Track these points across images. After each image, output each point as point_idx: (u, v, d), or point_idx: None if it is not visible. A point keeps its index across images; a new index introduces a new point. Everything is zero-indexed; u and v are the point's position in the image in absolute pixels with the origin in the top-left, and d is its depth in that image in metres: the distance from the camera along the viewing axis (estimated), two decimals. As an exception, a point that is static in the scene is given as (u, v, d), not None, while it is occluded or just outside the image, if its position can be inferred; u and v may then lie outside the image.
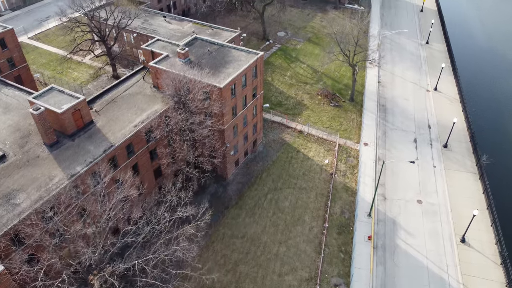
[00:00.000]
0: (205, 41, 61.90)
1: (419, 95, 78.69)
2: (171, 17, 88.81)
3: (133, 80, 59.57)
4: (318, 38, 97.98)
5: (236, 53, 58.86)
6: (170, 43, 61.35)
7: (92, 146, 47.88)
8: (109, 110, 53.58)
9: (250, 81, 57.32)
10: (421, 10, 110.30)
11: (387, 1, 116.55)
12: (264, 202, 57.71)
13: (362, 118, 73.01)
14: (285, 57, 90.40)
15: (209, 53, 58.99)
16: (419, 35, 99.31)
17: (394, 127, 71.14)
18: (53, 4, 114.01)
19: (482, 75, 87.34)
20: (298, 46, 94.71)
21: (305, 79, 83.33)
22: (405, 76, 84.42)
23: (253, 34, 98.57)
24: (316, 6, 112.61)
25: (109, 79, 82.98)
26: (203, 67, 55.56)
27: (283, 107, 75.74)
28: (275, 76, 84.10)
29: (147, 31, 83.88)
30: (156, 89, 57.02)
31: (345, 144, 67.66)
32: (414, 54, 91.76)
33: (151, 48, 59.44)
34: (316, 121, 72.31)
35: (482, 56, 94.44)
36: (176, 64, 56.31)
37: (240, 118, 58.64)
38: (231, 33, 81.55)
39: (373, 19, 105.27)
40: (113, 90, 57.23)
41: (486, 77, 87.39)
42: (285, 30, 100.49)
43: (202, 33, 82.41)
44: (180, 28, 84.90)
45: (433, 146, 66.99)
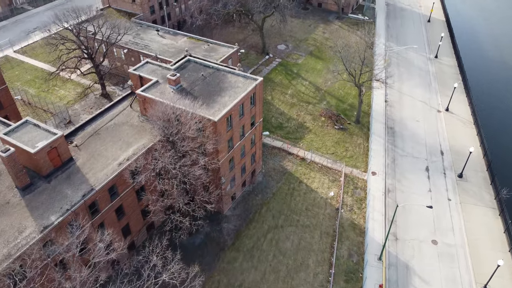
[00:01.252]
0: (199, 63, 56.55)
1: (429, 117, 73.39)
2: (164, 30, 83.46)
3: (119, 107, 54.23)
4: (321, 51, 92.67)
5: (233, 78, 53.52)
6: (160, 66, 55.97)
7: (70, 189, 42.53)
8: (91, 144, 48.24)
9: (248, 109, 52.00)
10: (429, 20, 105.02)
11: (392, 11, 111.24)
12: (264, 242, 52.37)
13: (369, 143, 67.70)
14: (286, 73, 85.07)
15: (203, 78, 53.65)
16: (427, 48, 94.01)
17: (404, 153, 65.84)
18: (41, 14, 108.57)
19: (495, 93, 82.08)
20: (300, 60, 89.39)
21: (307, 98, 78.00)
22: (414, 94, 79.12)
23: (252, 47, 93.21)
24: (318, 16, 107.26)
25: (98, 98, 77.61)
26: (196, 95, 50.27)
27: (284, 130, 70.40)
28: (275, 95, 78.77)
29: (139, 46, 78.55)
30: (144, 118, 51.70)
31: (351, 173, 62.34)
32: (423, 70, 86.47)
33: (139, 72, 54.08)
34: (319, 146, 67.00)
35: (494, 71, 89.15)
36: (166, 92, 51.01)
37: (237, 150, 53.32)
38: (228, 49, 76.38)
39: (378, 31, 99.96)
40: (97, 120, 51.89)
41: (500, 95, 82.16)
42: (285, 42, 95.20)
43: (198, 48, 77.20)
44: (174, 43, 79.57)
45: (446, 175, 61.70)
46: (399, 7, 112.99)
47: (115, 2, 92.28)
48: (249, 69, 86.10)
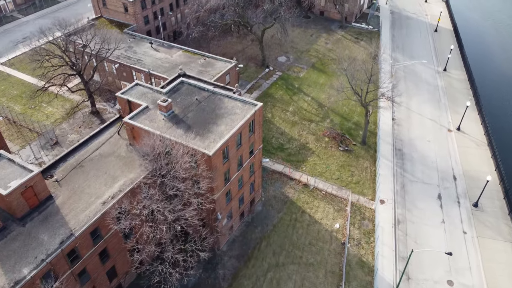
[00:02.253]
0: (193, 86, 52.01)
1: (440, 137, 68.90)
2: (158, 43, 78.90)
3: (106, 134, 49.68)
4: (323, 64, 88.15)
5: (230, 103, 48.99)
6: (151, 89, 51.42)
7: (47, 234, 38.02)
8: (73, 178, 43.72)
9: (246, 138, 47.49)
10: (436, 30, 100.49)
11: (397, 19, 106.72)
12: (264, 283, 47.85)
13: (376, 167, 63.21)
14: (287, 88, 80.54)
15: (197, 103, 49.11)
16: (435, 61, 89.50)
17: (414, 178, 61.36)
18: (32, 23, 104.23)
19: (509, 110, 77.47)
20: (301, 74, 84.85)
21: (309, 116, 73.47)
22: (423, 111, 74.61)
23: (251, 59, 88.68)
24: (320, 25, 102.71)
25: (87, 116, 73.09)
26: (190, 124, 45.75)
27: (285, 152, 65.89)
28: (276, 112, 74.24)
29: (131, 61, 74.00)
30: (133, 147, 47.18)
31: (358, 201, 57.83)
32: (431, 84, 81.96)
33: (127, 96, 49.56)
34: (323, 170, 62.49)
35: (506, 86, 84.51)
36: (157, 119, 46.50)
37: (235, 181, 48.80)
38: (226, 64, 71.88)
39: (383, 41, 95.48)
40: (81, 149, 47.34)
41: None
42: (286, 54, 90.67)
43: (193, 63, 72.70)
44: (169, 57, 75.03)
45: (461, 204, 57.22)
46: (404, 16, 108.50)
47: (107, 12, 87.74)
48: (248, 84, 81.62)
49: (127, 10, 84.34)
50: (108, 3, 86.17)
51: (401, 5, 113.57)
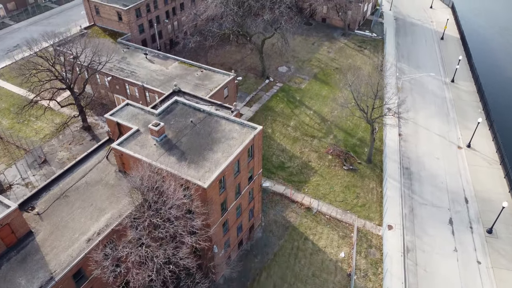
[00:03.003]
0: (188, 106, 48.45)
1: (449, 154, 65.38)
2: (153, 53, 75.36)
3: (94, 159, 46.15)
4: (326, 74, 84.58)
5: (227, 125, 45.43)
6: (143, 110, 47.87)
7: (25, 278, 34.50)
8: (56, 210, 40.20)
9: (245, 164, 43.97)
10: (442, 37, 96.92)
11: (402, 26, 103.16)
12: (264, 321, 44.37)
13: (383, 188, 59.70)
14: (288, 101, 76.99)
15: (192, 125, 45.57)
16: (442, 71, 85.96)
17: (423, 200, 57.83)
18: (24, 30, 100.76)
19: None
20: (303, 85, 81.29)
21: (312, 131, 69.92)
22: (430, 126, 71.06)
23: (251, 70, 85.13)
24: (322, 33, 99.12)
25: (78, 131, 69.55)
26: (183, 150, 42.21)
27: (287, 171, 62.35)
28: (277, 127, 70.69)
29: (124, 73, 70.45)
30: (122, 174, 43.66)
31: (364, 227, 54.30)
32: (439, 96, 78.40)
33: (117, 118, 46.01)
34: (326, 192, 58.96)
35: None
36: (148, 144, 42.96)
37: (232, 210, 45.29)
38: (224, 76, 68.46)
39: (387, 49, 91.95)
40: (66, 177, 43.80)
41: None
42: (287, 64, 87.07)
43: (190, 75, 69.25)
44: (164, 68, 71.52)
45: (474, 230, 53.73)
46: (409, 22, 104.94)
47: (100, 20, 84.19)
48: (247, 96, 78.08)
49: (121, 18, 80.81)
50: (102, 11, 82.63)
51: (405, 11, 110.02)
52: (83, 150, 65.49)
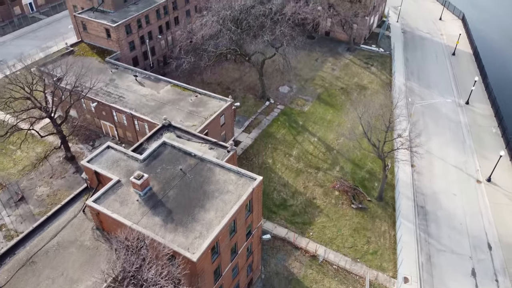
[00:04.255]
0: (177, 149, 42.49)
1: (468, 190, 59.50)
2: (144, 75, 69.39)
3: (69, 212, 40.20)
4: (330, 95, 78.61)
5: (222, 175, 39.49)
6: (125, 155, 41.90)
7: None
8: (20, 282, 34.25)
9: (242, 222, 38.05)
10: (453, 53, 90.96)
11: (410, 40, 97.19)
12: None
13: (396, 231, 53.79)
14: (290, 126, 71.03)
15: (181, 174, 39.63)
16: (455, 90, 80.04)
17: (441, 246, 51.95)
18: (8, 44, 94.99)
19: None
20: (306, 107, 75.32)
21: (316, 162, 64.00)
22: (445, 156, 65.16)
23: (250, 90, 79.17)
24: (326, 48, 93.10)
25: (61, 162, 63.62)
26: (170, 208, 36.28)
27: (289, 210, 56.44)
28: (278, 157, 64.77)
29: (111, 98, 64.53)
30: (100, 232, 37.74)
31: (376, 280, 48.38)
32: (453, 121, 72.46)
33: (95, 166, 40.04)
34: (333, 236, 53.05)
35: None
36: (129, 200, 37.06)
37: (228, 273, 39.37)
38: (220, 102, 62.71)
39: (395, 66, 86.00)
40: (34, 236, 37.86)
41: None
42: (288, 83, 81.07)
43: (183, 100, 63.47)
44: (155, 93, 65.59)
45: (500, 283, 47.84)
46: (417, 35, 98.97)
47: (88, 36, 78.17)
48: (246, 120, 72.13)
49: (110, 36, 74.77)
50: (89, 27, 76.61)
51: (413, 23, 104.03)
52: (65, 185, 59.78)
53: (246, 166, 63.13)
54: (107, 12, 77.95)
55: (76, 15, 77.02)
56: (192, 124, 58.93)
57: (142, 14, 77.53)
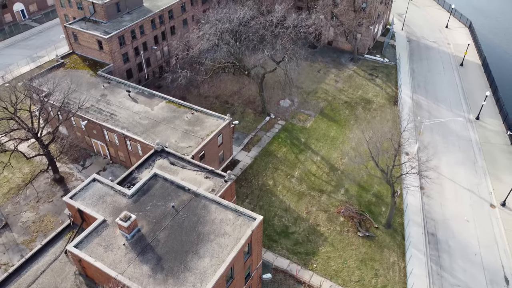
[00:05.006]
0: (170, 182, 38.86)
1: (481, 215, 55.89)
2: (137, 90, 65.75)
3: (50, 252, 36.55)
4: (334, 109, 74.96)
5: (219, 213, 35.86)
6: (112, 189, 38.25)
7: None
8: None
9: (240, 266, 34.39)
10: (461, 64, 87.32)
11: (416, 49, 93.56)
12: None
13: (406, 262, 50.13)
14: (291, 143, 67.40)
15: (173, 213, 35.98)
16: (464, 104, 76.41)
17: (455, 280, 48.32)
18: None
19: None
20: (308, 123, 71.67)
21: (319, 184, 60.37)
22: (456, 177, 61.55)
23: (249, 104, 75.51)
24: (328, 58, 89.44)
25: (49, 184, 59.98)
26: (160, 253, 32.60)
27: (291, 238, 52.80)
28: (279, 178, 61.15)
29: (102, 115, 60.92)
30: (83, 279, 34.09)
31: (386, 319, 44.78)
32: (463, 138, 68.82)
33: (78, 203, 36.40)
34: (339, 268, 49.41)
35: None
36: (115, 244, 33.41)
37: (225, 322, 35.69)
38: (218, 121, 59.24)
39: (401, 78, 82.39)
40: (9, 284, 34.17)
41: None
42: (290, 96, 77.40)
43: (179, 118, 60.00)
44: (149, 109, 62.00)
45: (519, 323, 44.23)
46: (423, 44, 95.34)
47: (79, 47, 74.50)
48: (245, 137, 68.48)
49: (102, 47, 71.10)
50: (80, 38, 72.96)
51: (419, 31, 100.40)
52: (52, 210, 56.16)
53: (246, 188, 59.58)
54: (99, 22, 74.35)
55: (67, 26, 73.35)
56: (187, 145, 55.39)
57: (137, 24, 73.98)
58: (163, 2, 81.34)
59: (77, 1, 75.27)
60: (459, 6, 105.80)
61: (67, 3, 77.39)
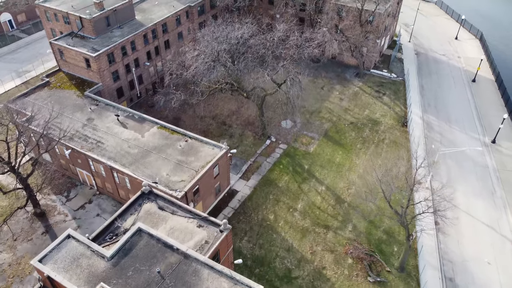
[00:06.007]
0: (156, 239, 33.76)
1: (503, 256, 50.85)
2: (127, 113, 60.73)
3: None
4: (339, 131, 69.88)
5: (212, 281, 30.80)
6: (89, 248, 33.13)
7: None
8: None
9: None
10: (473, 80, 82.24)
11: (424, 63, 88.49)
12: None
13: (422, 314, 45.15)
14: (294, 171, 62.35)
15: (159, 280, 30.87)
16: (478, 125, 71.35)
17: (477, 336, 43.26)
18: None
19: None
20: (311, 147, 66.60)
21: (325, 218, 55.32)
22: (473, 210, 56.53)
23: (248, 125, 70.42)
24: (332, 73, 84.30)
25: (29, 219, 54.92)
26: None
27: (294, 285, 47.73)
28: (280, 212, 56.10)
29: (88, 143, 55.91)
30: None
31: None
32: (479, 164, 63.77)
33: (48, 269, 31.28)
34: (348, 321, 44.39)
35: None
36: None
37: None
38: (214, 150, 54.35)
39: (410, 95, 77.36)
40: None
41: None
42: (292, 116, 72.17)
43: (171, 147, 55.13)
44: (139, 136, 56.99)
45: None
46: (432, 57, 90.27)
47: (66, 65, 69.43)
48: (243, 164, 63.41)
49: (90, 65, 66.00)
50: (66, 55, 67.91)
51: (427, 43, 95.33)
52: (31, 251, 51.16)
53: (244, 223, 54.53)
54: (87, 38, 69.27)
55: (52, 42, 68.19)
56: (180, 179, 50.42)
57: (127, 40, 68.88)
58: (156, 15, 76.31)
59: (63, 15, 70.18)
60: (468, 15, 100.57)
61: (53, 17, 72.31)
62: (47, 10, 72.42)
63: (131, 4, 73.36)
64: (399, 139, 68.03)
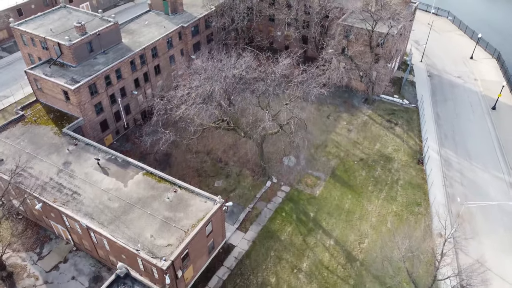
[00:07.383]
0: None
1: (542, 332, 43.76)
2: (109, 156, 53.61)
3: None
4: (347, 169, 62.81)
5: None
6: None
7: None
8: None
9: None
10: (493, 107, 75.13)
11: (439, 86, 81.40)
12: None
13: None
14: (298, 220, 55.26)
15: None
16: (502, 162, 64.33)
17: None
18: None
19: None
20: (317, 189, 59.52)
21: (334, 282, 48.21)
22: (504, 271, 49.47)
23: (246, 163, 63.28)
24: (339, 99, 77.13)
25: (-6, 283, 47.77)
26: None
27: None
28: (283, 273, 48.99)
29: (63, 194, 48.94)
30: None
31: None
32: (506, 211, 56.67)
33: None
34: None
35: None
36: None
37: None
38: (206, 203, 47.54)
39: (425, 125, 70.35)
40: None
41: None
42: (295, 151, 64.94)
43: (157, 199, 48.21)
44: (121, 185, 50.00)
45: None
46: (446, 80, 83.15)
47: (44, 96, 62.35)
48: (241, 211, 56.33)
49: (69, 98, 58.87)
50: (44, 86, 60.83)
51: (440, 63, 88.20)
52: (-7, 325, 43.83)
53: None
54: (67, 66, 62.10)
55: (28, 71, 61.01)
56: (167, 243, 43.45)
57: (112, 68, 61.77)
58: (146, 37, 69.27)
59: (40, 39, 63.01)
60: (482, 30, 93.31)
61: (30, 42, 65.13)
62: (23, 33, 65.20)
63: (117, 27, 66.17)
64: (415, 180, 60.97)
